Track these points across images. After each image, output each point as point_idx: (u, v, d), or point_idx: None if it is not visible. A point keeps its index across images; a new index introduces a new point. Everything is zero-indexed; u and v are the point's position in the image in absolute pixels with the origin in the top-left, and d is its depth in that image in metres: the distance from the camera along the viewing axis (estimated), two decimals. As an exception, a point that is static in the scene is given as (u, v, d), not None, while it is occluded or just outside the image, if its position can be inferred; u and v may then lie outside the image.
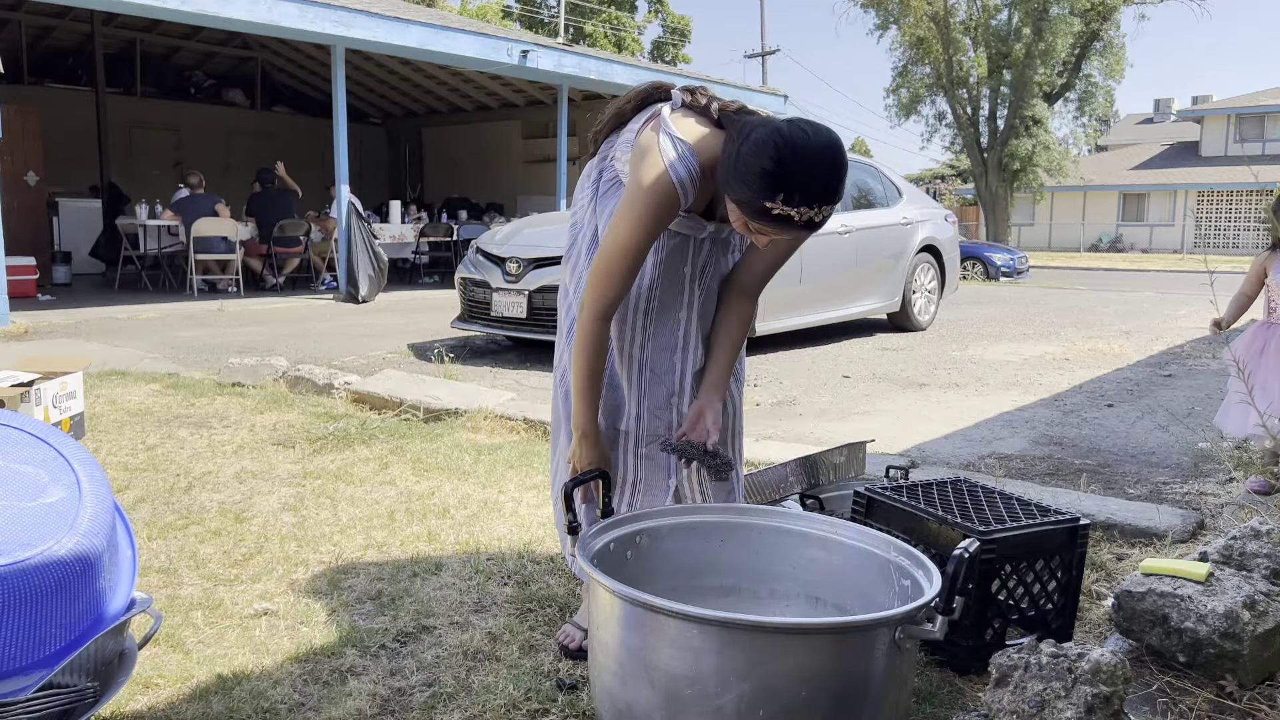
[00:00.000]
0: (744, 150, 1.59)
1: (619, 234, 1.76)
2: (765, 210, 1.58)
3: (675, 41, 40.83)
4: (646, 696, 1.45)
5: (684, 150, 1.72)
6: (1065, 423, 4.39)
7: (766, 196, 1.56)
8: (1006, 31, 26.01)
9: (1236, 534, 2.04)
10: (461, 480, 3.31)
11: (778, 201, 1.56)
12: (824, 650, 1.41)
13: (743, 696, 1.37)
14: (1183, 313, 9.71)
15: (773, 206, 1.56)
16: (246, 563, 2.53)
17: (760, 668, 1.37)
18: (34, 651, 1.47)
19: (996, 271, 16.61)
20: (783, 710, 1.37)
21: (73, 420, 3.74)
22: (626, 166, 1.86)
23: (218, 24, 9.25)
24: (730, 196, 1.64)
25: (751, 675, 1.37)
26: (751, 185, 1.57)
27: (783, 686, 1.37)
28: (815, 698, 1.38)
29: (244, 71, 16.80)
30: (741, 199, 1.61)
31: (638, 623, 1.46)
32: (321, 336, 7.16)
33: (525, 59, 11.10)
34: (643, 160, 1.74)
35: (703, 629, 1.39)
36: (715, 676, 1.38)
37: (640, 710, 1.46)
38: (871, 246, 7.25)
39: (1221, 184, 31.75)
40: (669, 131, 1.75)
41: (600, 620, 1.55)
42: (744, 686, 1.37)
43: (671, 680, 1.42)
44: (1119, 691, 1.42)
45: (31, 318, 7.74)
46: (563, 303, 2.08)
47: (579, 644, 1.99)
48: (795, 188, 1.55)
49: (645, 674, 1.45)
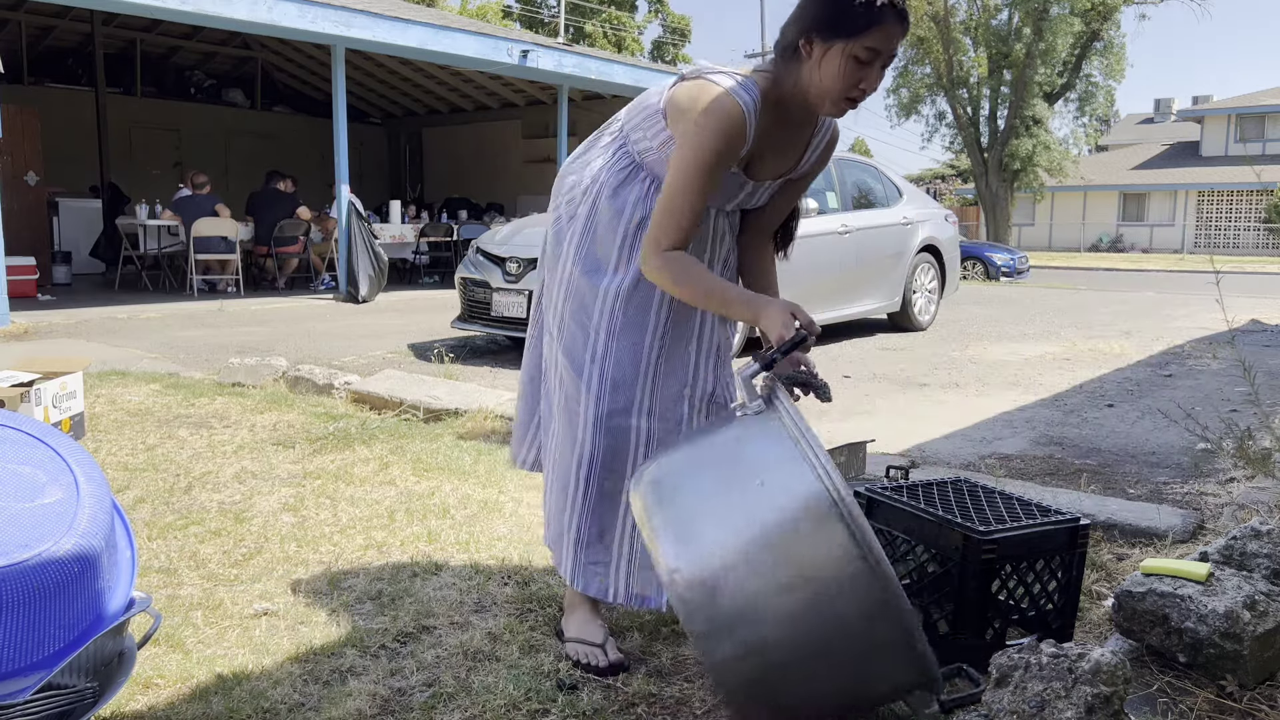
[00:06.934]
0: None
1: (685, 169, 1.71)
2: (867, 7, 1.63)
3: (675, 41, 40.83)
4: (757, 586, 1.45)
5: (742, 80, 1.75)
6: (1065, 423, 4.38)
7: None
8: (1007, 31, 26.01)
9: (1237, 534, 2.04)
10: (461, 480, 3.30)
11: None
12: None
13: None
14: (1183, 313, 9.71)
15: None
16: (246, 563, 2.53)
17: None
18: (33, 652, 1.46)
19: (997, 271, 16.60)
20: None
21: (73, 420, 3.73)
22: (651, 139, 1.85)
23: (218, 24, 9.25)
24: (829, 39, 1.67)
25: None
26: (846, 1, 1.64)
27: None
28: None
29: (244, 71, 16.80)
30: (845, 20, 1.65)
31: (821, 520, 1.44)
32: (321, 336, 7.16)
33: (525, 59, 11.10)
34: (696, 100, 1.74)
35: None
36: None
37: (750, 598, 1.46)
38: (872, 246, 7.25)
39: (1222, 184, 31.75)
40: (715, 71, 1.78)
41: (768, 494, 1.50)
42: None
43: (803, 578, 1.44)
44: (1119, 691, 1.42)
45: (31, 318, 7.74)
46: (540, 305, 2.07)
47: (609, 660, 1.93)
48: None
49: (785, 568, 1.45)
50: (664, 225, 1.74)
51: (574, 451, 1.94)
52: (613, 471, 1.94)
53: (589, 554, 1.97)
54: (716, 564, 1.47)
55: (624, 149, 1.93)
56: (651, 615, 2.19)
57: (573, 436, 1.94)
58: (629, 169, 1.91)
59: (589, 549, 1.97)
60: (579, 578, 1.98)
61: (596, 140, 2.04)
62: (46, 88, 13.86)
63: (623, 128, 1.95)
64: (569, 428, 1.96)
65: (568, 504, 1.97)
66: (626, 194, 1.90)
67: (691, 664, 1.99)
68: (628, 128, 1.93)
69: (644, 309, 1.90)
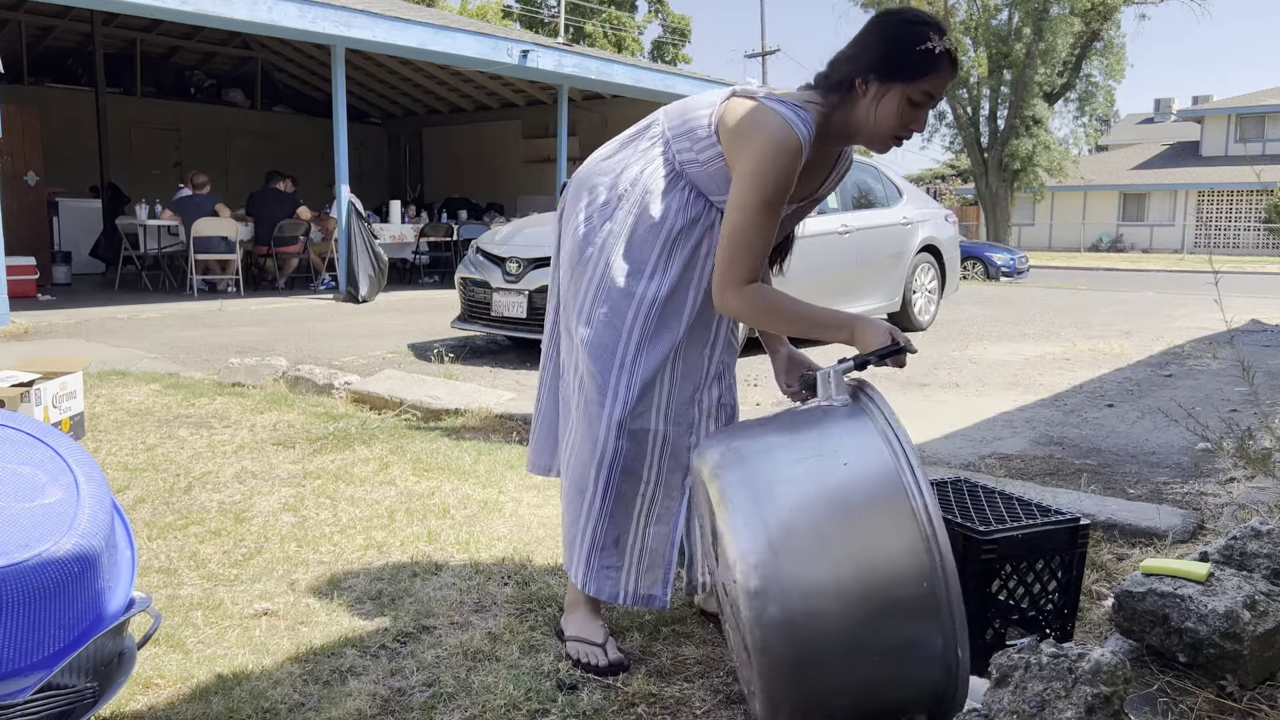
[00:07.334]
0: (886, 36, 1.78)
1: (753, 207, 1.75)
2: (928, 55, 1.74)
3: (675, 41, 40.83)
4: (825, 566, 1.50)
5: (799, 111, 1.78)
6: (1066, 423, 4.38)
7: (922, 40, 1.74)
8: (1006, 31, 25.99)
9: (1237, 534, 2.04)
10: (461, 480, 3.30)
11: (934, 39, 1.74)
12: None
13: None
14: (1183, 313, 9.71)
15: (933, 45, 1.74)
16: (246, 563, 2.53)
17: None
18: (33, 652, 1.46)
19: (997, 271, 16.60)
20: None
21: (73, 420, 3.73)
22: (698, 153, 1.86)
23: (218, 24, 9.25)
24: (888, 81, 1.77)
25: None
26: (908, 47, 1.75)
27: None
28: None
29: (244, 71, 16.80)
30: (905, 65, 1.76)
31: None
32: (321, 336, 7.16)
33: (525, 59, 11.10)
34: (755, 126, 1.77)
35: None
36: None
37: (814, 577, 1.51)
38: (872, 246, 7.25)
39: (1222, 184, 31.74)
40: (770, 95, 1.81)
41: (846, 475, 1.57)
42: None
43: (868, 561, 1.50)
44: (1119, 691, 1.41)
45: (31, 318, 7.74)
46: (556, 305, 2.06)
47: (609, 660, 1.93)
48: (930, 25, 1.77)
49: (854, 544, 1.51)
50: (737, 261, 1.78)
51: (594, 454, 1.92)
52: (631, 475, 1.93)
53: (603, 558, 1.96)
54: (785, 526, 1.52)
55: (665, 156, 1.92)
56: (652, 615, 2.19)
57: (593, 439, 1.92)
58: (670, 176, 1.91)
59: (603, 553, 1.96)
60: (591, 582, 1.96)
61: (631, 142, 2.00)
62: (46, 88, 13.86)
63: (663, 133, 1.93)
64: (588, 430, 1.93)
65: (584, 509, 1.95)
66: (668, 201, 1.90)
67: (692, 664, 1.99)
68: (670, 135, 1.92)
69: (675, 316, 1.91)
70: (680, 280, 1.90)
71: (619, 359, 1.90)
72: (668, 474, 1.95)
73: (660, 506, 1.95)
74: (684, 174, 1.90)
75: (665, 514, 1.96)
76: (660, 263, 1.90)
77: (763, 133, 1.75)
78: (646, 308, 1.89)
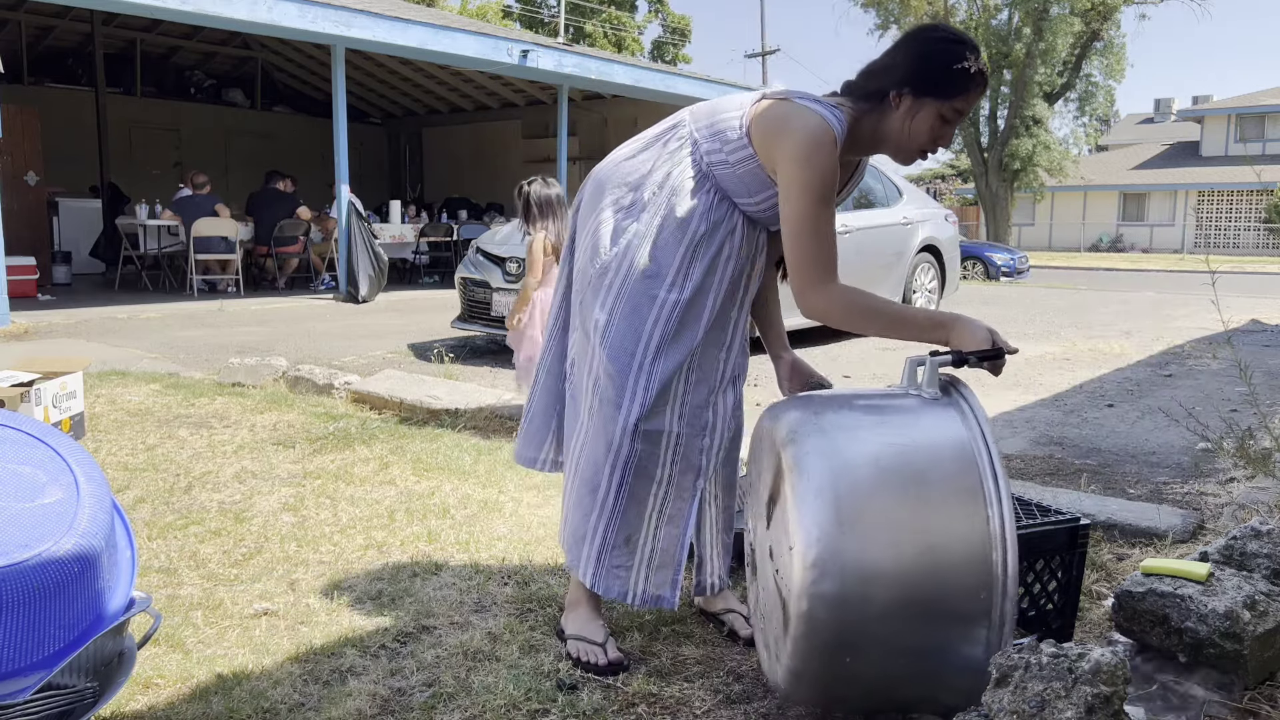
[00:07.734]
0: (923, 53, 1.80)
1: (810, 207, 1.76)
2: (964, 74, 1.77)
3: (675, 41, 40.83)
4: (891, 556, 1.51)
5: (832, 108, 1.81)
6: (1066, 422, 4.38)
7: (959, 59, 1.77)
8: (1006, 31, 26.00)
9: (1237, 534, 2.04)
10: (461, 480, 3.30)
11: (970, 59, 1.77)
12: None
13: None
14: (1183, 313, 9.70)
15: (969, 64, 1.77)
16: (246, 563, 2.53)
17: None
18: (33, 652, 1.46)
19: (997, 271, 16.59)
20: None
21: (73, 420, 3.73)
22: (727, 155, 1.86)
23: (218, 24, 9.25)
24: (922, 96, 1.79)
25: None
26: (945, 65, 1.77)
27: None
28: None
29: (244, 71, 16.80)
30: (941, 83, 1.78)
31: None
32: (321, 336, 7.16)
33: (525, 59, 11.10)
34: (789, 123, 1.79)
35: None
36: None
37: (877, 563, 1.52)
38: (872, 246, 7.25)
39: (1222, 184, 31.73)
40: (805, 95, 1.83)
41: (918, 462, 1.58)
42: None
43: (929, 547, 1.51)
44: (1119, 691, 1.41)
45: (31, 318, 7.74)
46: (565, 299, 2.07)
47: (609, 659, 1.94)
48: (966, 44, 1.80)
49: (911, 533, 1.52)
50: (815, 261, 1.77)
51: (608, 454, 1.91)
52: (644, 475, 1.93)
53: (614, 557, 1.95)
54: (858, 505, 1.52)
55: (694, 157, 1.91)
56: (652, 615, 2.19)
57: (607, 439, 1.91)
58: (698, 178, 1.90)
59: (614, 552, 1.95)
60: (600, 581, 1.96)
61: (656, 143, 1.98)
62: (46, 88, 13.86)
63: (691, 135, 1.93)
64: (603, 430, 1.92)
65: (596, 507, 1.94)
66: (694, 204, 1.89)
67: (692, 664, 1.99)
68: (698, 136, 1.91)
69: (695, 320, 1.91)
70: (702, 285, 1.90)
71: (638, 360, 1.89)
72: (680, 475, 1.95)
73: (672, 507, 1.95)
74: (710, 175, 1.89)
75: (676, 515, 1.96)
76: (683, 267, 1.89)
77: (799, 128, 1.77)
78: (668, 311, 1.89)
